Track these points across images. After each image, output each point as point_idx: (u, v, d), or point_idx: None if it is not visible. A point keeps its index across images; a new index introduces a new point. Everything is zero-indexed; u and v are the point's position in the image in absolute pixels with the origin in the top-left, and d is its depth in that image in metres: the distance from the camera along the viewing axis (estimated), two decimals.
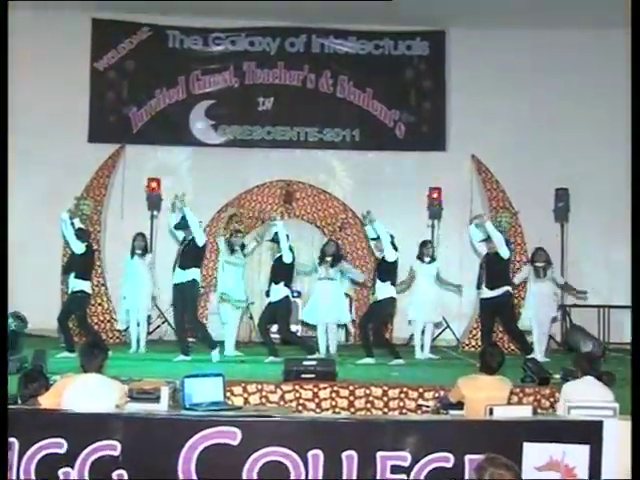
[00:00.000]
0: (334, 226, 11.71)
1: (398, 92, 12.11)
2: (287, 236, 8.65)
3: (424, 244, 9.39)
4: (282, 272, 8.70)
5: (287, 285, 8.69)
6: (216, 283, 9.54)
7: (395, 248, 8.54)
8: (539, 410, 6.13)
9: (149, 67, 12.05)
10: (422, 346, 9.30)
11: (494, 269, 8.70)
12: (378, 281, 8.57)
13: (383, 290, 8.53)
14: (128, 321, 9.46)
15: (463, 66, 11.85)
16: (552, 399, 6.42)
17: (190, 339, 8.89)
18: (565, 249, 11.04)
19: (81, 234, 8.99)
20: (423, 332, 9.34)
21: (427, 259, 9.26)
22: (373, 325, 8.67)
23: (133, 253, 9.27)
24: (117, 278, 10.95)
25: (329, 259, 9.06)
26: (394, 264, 8.58)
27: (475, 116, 11.66)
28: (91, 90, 11.92)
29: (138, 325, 9.39)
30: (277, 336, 9.28)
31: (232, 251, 8.99)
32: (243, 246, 9.10)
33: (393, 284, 8.60)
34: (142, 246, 9.32)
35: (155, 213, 11.16)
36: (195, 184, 11.60)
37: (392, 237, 8.62)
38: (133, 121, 11.96)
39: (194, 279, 8.45)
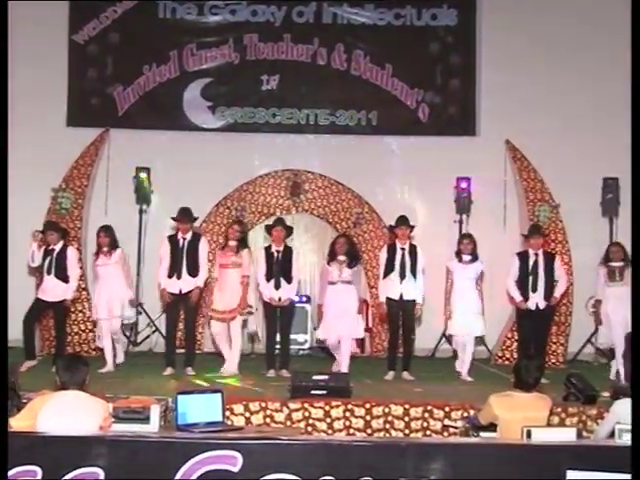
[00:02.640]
0: (348, 222, 11.71)
1: (422, 69, 12.05)
2: None
3: (463, 239, 9.02)
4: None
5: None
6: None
7: None
8: (585, 433, 6.11)
9: (136, 40, 12.01)
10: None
11: (549, 273, 8.73)
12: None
13: None
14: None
15: (497, 38, 11.78)
16: (600, 420, 6.38)
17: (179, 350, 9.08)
18: None
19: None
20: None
21: (467, 257, 8.84)
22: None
23: (98, 252, 9.04)
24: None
25: (343, 258, 8.72)
26: None
27: (510, 96, 11.59)
28: (69, 67, 11.90)
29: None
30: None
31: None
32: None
33: None
34: (107, 242, 8.99)
35: (144, 207, 11.16)
36: (190, 174, 11.59)
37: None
38: (118, 102, 11.95)
39: (199, 286, 8.78)
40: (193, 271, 8.72)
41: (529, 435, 4.63)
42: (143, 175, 11.07)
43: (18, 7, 11.24)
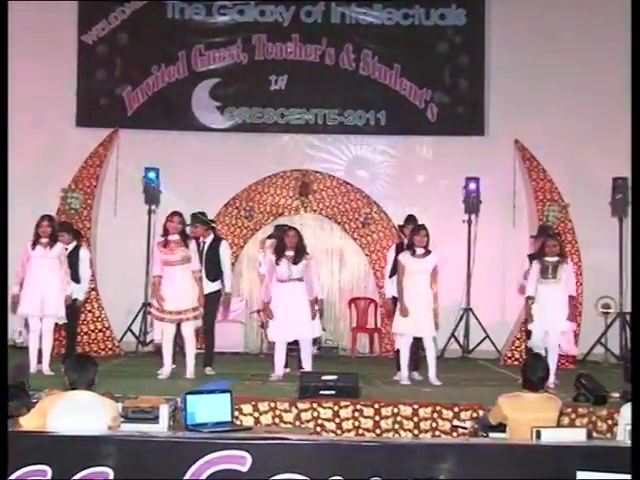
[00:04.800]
0: (356, 221, 11.71)
1: (430, 68, 12.05)
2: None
3: (419, 231, 8.13)
4: None
5: None
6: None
7: None
8: (595, 434, 6.09)
9: (145, 40, 12.05)
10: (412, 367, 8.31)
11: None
12: None
13: None
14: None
15: (505, 38, 11.77)
16: (610, 421, 6.37)
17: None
18: (624, 247, 10.93)
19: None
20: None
21: (421, 251, 8.09)
22: None
23: (36, 243, 8.25)
24: (109, 281, 11.04)
25: (290, 253, 8.07)
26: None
27: (519, 96, 11.58)
28: (78, 67, 11.94)
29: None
30: None
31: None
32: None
33: None
34: (48, 232, 8.26)
35: (153, 207, 11.17)
36: (198, 174, 11.61)
37: None
38: (127, 102, 11.98)
39: (219, 290, 8.65)
40: (213, 276, 8.55)
41: (539, 436, 4.60)
42: (152, 175, 11.08)
43: (27, 8, 11.31)
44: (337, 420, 6.57)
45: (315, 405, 6.59)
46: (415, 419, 6.58)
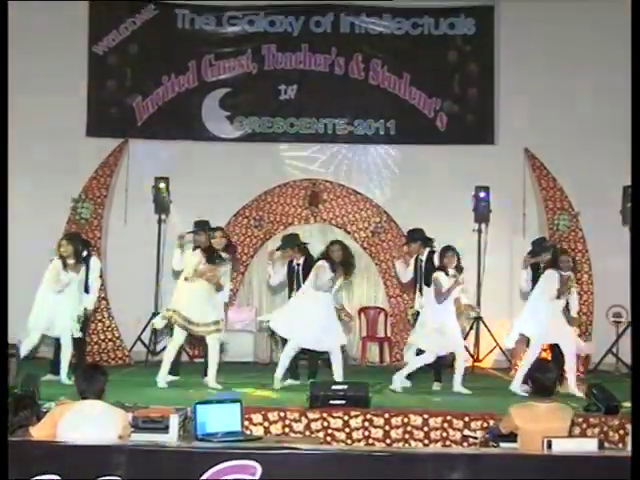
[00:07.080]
0: (366, 231, 11.71)
1: (439, 77, 12.05)
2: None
3: (447, 252, 8.40)
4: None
5: None
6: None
7: None
8: (606, 444, 6.06)
9: (155, 51, 12.09)
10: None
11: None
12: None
13: None
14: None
15: (515, 46, 11.77)
16: (622, 431, 6.34)
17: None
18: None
19: None
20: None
21: (452, 271, 8.35)
22: None
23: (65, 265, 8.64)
24: (119, 291, 11.06)
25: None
26: None
27: (528, 104, 11.58)
28: (89, 77, 11.98)
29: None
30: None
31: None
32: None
33: None
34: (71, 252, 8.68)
35: (163, 217, 11.19)
36: (208, 184, 11.62)
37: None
38: (137, 112, 12.02)
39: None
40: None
41: (550, 445, 4.59)
42: (162, 185, 11.08)
43: (39, 18, 11.38)
44: (347, 430, 6.56)
45: (325, 415, 6.59)
46: (425, 429, 6.57)
